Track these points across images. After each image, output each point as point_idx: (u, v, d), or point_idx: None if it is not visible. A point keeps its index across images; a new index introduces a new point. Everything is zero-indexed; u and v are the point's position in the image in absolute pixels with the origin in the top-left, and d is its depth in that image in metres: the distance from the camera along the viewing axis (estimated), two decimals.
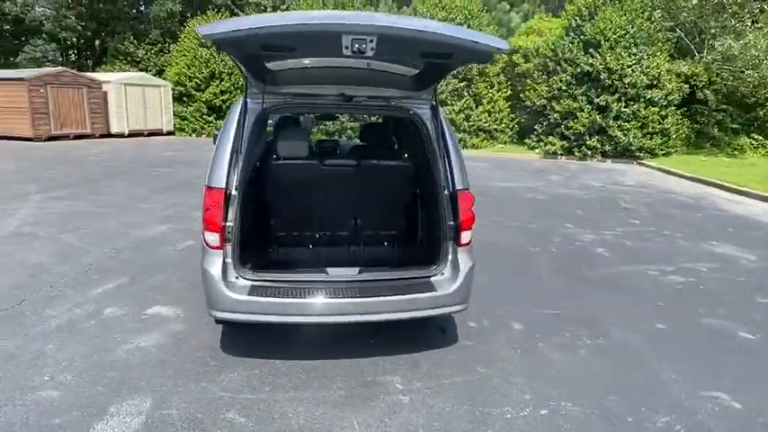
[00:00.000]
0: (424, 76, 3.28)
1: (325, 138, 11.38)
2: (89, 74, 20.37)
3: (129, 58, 24.04)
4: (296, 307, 3.07)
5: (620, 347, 3.76)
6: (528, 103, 17.78)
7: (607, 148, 16.37)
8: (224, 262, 3.10)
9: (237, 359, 3.38)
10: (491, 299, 4.47)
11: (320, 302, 3.08)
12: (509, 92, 18.85)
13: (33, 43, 23.73)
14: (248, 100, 3.30)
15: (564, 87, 16.66)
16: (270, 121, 4.44)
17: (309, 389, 3.07)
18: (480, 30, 18.14)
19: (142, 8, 25.97)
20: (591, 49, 16.19)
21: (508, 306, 4.41)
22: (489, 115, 18.50)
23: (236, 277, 3.15)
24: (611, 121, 16.05)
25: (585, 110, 16.26)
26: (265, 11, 29.14)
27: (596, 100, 16.19)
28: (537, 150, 17.53)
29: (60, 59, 24.39)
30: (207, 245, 3.11)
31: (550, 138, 17.13)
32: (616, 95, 15.99)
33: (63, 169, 11.42)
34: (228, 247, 3.12)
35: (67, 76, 18.59)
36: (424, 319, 3.47)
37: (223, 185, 3.09)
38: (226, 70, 22.13)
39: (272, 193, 3.84)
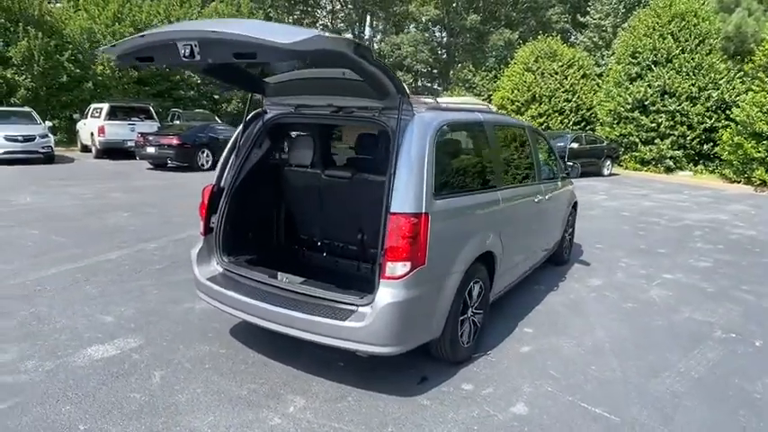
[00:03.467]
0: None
1: None
2: (423, 98, 23.78)
3: (467, 84, 26.81)
4: (235, 301, 3.31)
5: None
6: None
7: None
8: (205, 247, 3.60)
9: (230, 339, 3.83)
10: (547, 365, 3.53)
11: (250, 302, 3.23)
12: None
13: None
14: (252, 112, 3.70)
15: None
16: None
17: (231, 380, 3.28)
18: None
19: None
20: None
21: (553, 376, 3.41)
22: None
23: (217, 263, 3.61)
24: None
25: None
26: (605, 31, 27.57)
27: None
28: None
29: (413, 85, 29.47)
30: (200, 231, 3.69)
31: None
32: None
33: None
34: (212, 235, 3.61)
35: None
36: (336, 348, 3.12)
37: (214, 182, 3.61)
38: (547, 93, 22.17)
39: (282, 196, 4.11)
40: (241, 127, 3.73)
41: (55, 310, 4.21)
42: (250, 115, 3.75)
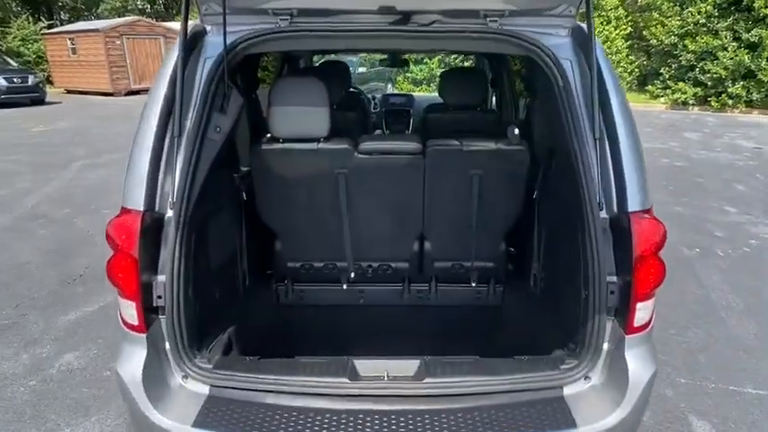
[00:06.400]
0: None
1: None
2: (166, 23, 19.67)
3: None
4: None
5: None
6: (653, 41, 14.62)
7: (755, 96, 13.01)
8: (153, 353, 1.57)
9: None
10: None
11: None
12: (629, 29, 15.68)
13: None
14: (193, 34, 1.68)
15: (703, 20, 13.36)
16: None
17: None
18: None
19: None
20: None
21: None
22: None
23: (184, 377, 1.62)
24: (763, 63, 12.62)
25: (730, 48, 12.94)
26: None
27: (746, 36, 12.78)
28: (662, 99, 14.51)
29: (144, 8, 24.08)
30: (121, 321, 1.60)
31: (680, 84, 14.01)
32: None
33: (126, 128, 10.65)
34: (163, 323, 1.58)
35: (143, 26, 18.00)
36: None
37: (140, 206, 1.53)
38: None
39: (264, 205, 2.22)
40: (178, 64, 1.59)
41: None
42: (189, 35, 1.65)
